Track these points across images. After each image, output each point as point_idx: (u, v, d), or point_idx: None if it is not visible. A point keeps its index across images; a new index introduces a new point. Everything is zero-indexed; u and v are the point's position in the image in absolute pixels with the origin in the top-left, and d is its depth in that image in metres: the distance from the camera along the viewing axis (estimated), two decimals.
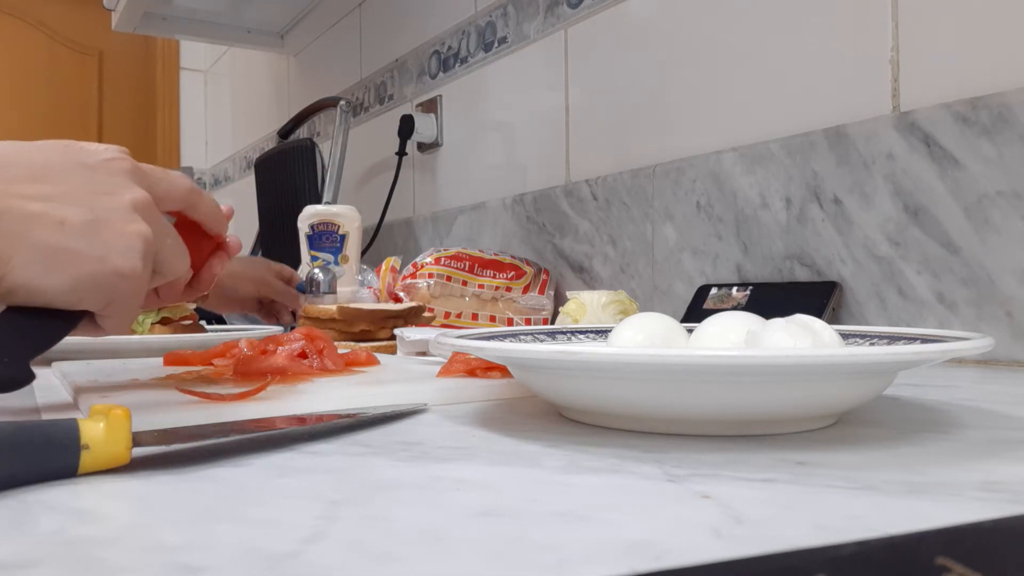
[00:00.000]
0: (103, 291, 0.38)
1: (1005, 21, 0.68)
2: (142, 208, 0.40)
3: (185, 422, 0.37)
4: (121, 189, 0.40)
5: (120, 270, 0.38)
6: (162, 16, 2.09)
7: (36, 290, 0.36)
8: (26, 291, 0.36)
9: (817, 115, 0.83)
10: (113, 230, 0.38)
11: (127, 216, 0.39)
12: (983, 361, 0.68)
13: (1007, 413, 0.41)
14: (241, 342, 0.60)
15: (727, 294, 0.86)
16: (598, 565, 0.19)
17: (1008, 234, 0.66)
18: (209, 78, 3.11)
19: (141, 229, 0.39)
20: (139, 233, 0.39)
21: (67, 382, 0.54)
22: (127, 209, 0.39)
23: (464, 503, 0.25)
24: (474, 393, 0.48)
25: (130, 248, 0.39)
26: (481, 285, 1.12)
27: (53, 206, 0.37)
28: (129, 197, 0.40)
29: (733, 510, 0.23)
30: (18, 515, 0.24)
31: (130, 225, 0.39)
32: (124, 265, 0.38)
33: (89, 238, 0.37)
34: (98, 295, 0.38)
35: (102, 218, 0.38)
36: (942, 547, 0.19)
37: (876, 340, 0.42)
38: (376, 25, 1.77)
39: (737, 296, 0.84)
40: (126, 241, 0.39)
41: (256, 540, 0.21)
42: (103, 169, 0.40)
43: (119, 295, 0.39)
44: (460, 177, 1.47)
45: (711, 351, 0.30)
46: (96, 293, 0.38)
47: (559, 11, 1.20)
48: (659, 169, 1.01)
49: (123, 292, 0.39)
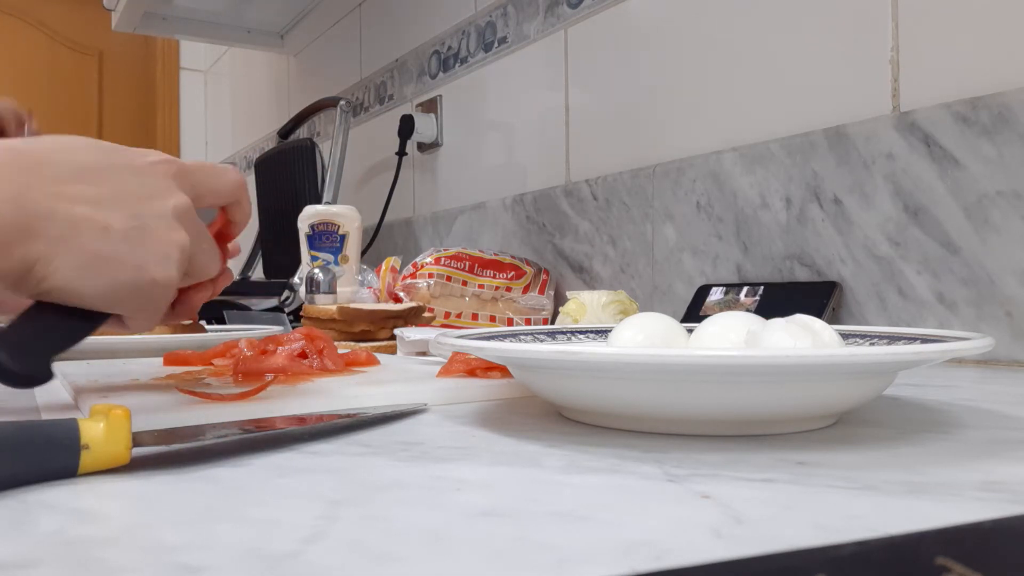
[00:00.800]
0: (138, 298, 0.39)
1: (1005, 21, 0.68)
2: (183, 215, 0.40)
3: (185, 422, 0.37)
4: (166, 194, 0.40)
5: (157, 279, 0.39)
6: (162, 16, 2.09)
7: (74, 293, 0.37)
8: (64, 293, 0.37)
9: (817, 115, 0.83)
10: (155, 238, 0.39)
11: (169, 224, 0.39)
12: (983, 361, 0.68)
13: (1007, 413, 0.41)
14: (241, 342, 0.60)
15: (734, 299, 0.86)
16: (598, 565, 0.19)
17: (1008, 234, 0.66)
18: (209, 78, 3.11)
19: (181, 238, 0.40)
20: (178, 243, 0.40)
21: (67, 382, 0.54)
22: (169, 216, 0.40)
23: (464, 503, 0.25)
24: (474, 393, 0.48)
25: (168, 257, 0.39)
26: (481, 285, 1.12)
27: (98, 210, 0.37)
28: (173, 203, 0.40)
29: (733, 510, 0.23)
30: (18, 515, 0.24)
31: (172, 233, 0.39)
32: (161, 274, 0.39)
33: (131, 245, 0.38)
34: (133, 301, 0.39)
35: (146, 225, 0.38)
36: (942, 547, 0.19)
37: (876, 340, 0.42)
38: (376, 25, 1.77)
39: (746, 301, 0.84)
40: (165, 250, 0.39)
41: (256, 540, 0.21)
42: (149, 172, 0.40)
43: (152, 301, 0.40)
44: (460, 177, 1.47)
45: (711, 351, 0.30)
46: (131, 300, 0.39)
47: (559, 11, 1.20)
48: (659, 169, 1.01)
49: (156, 298, 0.40)
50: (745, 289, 0.86)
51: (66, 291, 0.36)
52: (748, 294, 0.85)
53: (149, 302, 0.39)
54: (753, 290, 0.85)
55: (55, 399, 0.50)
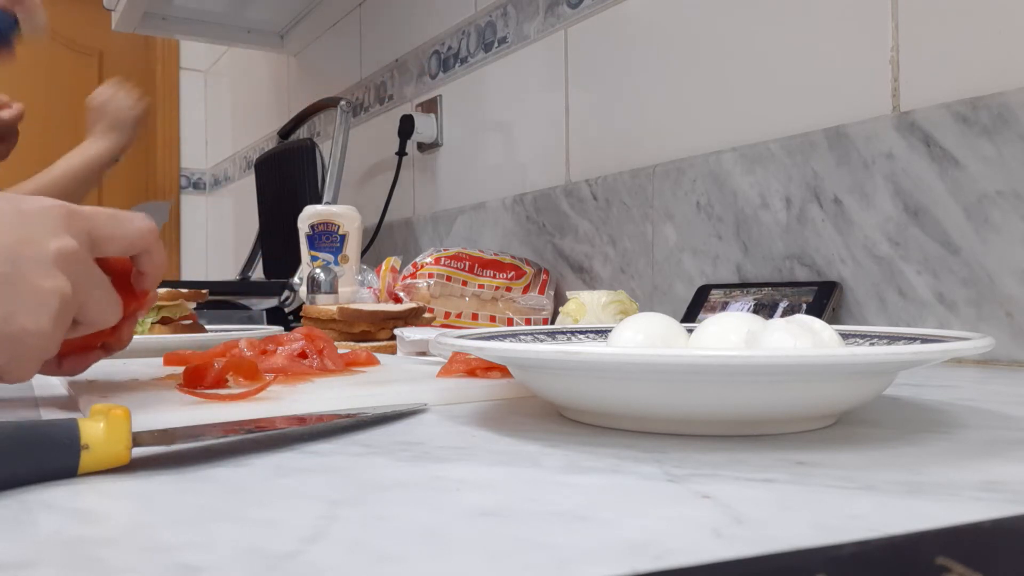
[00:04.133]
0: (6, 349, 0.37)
1: (1005, 21, 0.68)
2: (66, 260, 0.38)
3: (185, 422, 0.37)
4: (48, 238, 0.38)
5: (27, 328, 0.36)
6: (162, 16, 2.09)
7: None
8: None
9: (817, 115, 0.83)
10: (27, 286, 0.36)
11: (46, 271, 0.37)
12: (983, 361, 0.68)
13: (1007, 413, 0.41)
14: (241, 342, 0.60)
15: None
16: (598, 565, 0.19)
17: (1008, 234, 0.66)
18: (209, 78, 3.11)
19: (58, 285, 0.37)
20: (55, 290, 0.37)
21: (66, 382, 0.54)
22: (48, 262, 0.37)
23: (464, 503, 0.25)
24: (474, 393, 0.48)
25: (41, 306, 0.37)
26: (481, 285, 1.12)
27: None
28: (55, 246, 0.38)
29: (733, 510, 0.23)
30: (18, 515, 0.24)
31: (47, 281, 0.37)
32: (31, 325, 0.37)
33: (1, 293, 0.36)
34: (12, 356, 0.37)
35: (18, 272, 0.36)
36: (942, 547, 0.19)
37: (876, 340, 0.42)
38: (376, 25, 1.77)
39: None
40: (38, 299, 0.37)
41: (256, 540, 0.21)
42: (35, 216, 0.38)
43: (24, 352, 0.37)
44: (460, 177, 1.47)
45: (711, 351, 0.30)
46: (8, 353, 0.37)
47: (559, 11, 1.20)
48: (659, 169, 1.01)
49: (29, 348, 0.37)
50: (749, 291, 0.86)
51: None
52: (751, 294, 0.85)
53: (21, 353, 0.37)
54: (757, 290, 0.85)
55: (54, 398, 0.50)
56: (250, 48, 2.33)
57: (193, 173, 3.16)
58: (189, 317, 0.87)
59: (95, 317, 0.41)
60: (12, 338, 0.36)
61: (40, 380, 0.61)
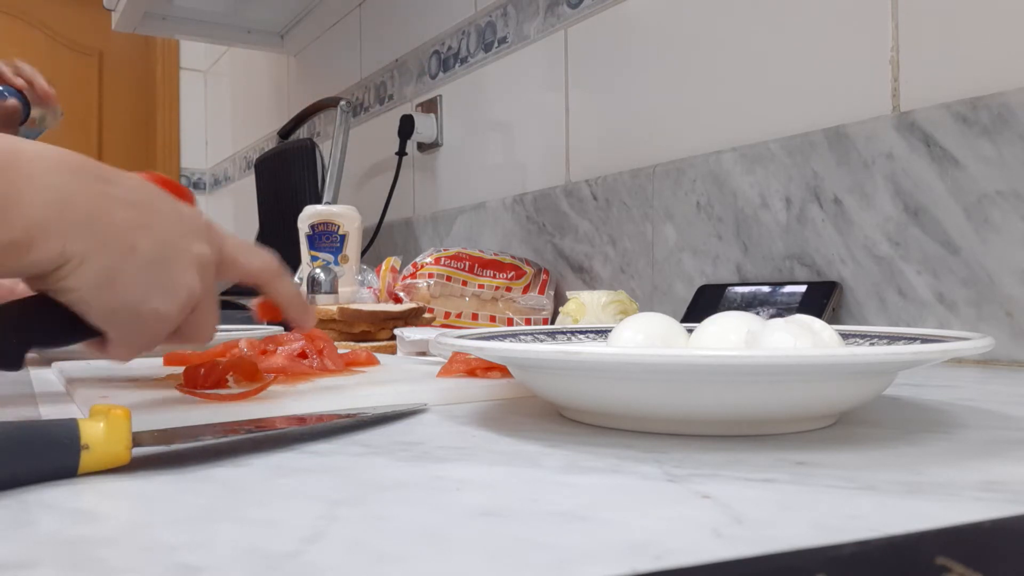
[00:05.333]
0: (134, 324, 0.39)
1: (1005, 21, 0.68)
2: (202, 264, 0.41)
3: (185, 422, 0.37)
4: (195, 240, 0.41)
5: (158, 311, 0.39)
6: (162, 16, 2.09)
7: (83, 300, 0.37)
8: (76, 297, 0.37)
9: (817, 115, 0.83)
10: (170, 273, 0.39)
11: (187, 266, 0.40)
12: (983, 361, 0.68)
13: (1007, 413, 0.41)
14: (241, 342, 0.60)
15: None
16: (598, 565, 0.19)
17: (1008, 234, 0.66)
18: (209, 78, 3.11)
19: (192, 282, 0.40)
20: (188, 285, 0.40)
21: (66, 381, 0.54)
22: (190, 260, 0.40)
23: (464, 503, 0.25)
24: (474, 393, 0.48)
25: (175, 295, 0.40)
26: (481, 285, 1.12)
27: (132, 228, 0.38)
28: (197, 250, 0.41)
29: (733, 510, 0.23)
30: (18, 515, 0.24)
31: (186, 275, 0.40)
32: (163, 307, 0.39)
33: (147, 274, 0.38)
34: (127, 326, 0.39)
35: (167, 257, 0.39)
36: (942, 547, 0.19)
37: (876, 340, 0.42)
38: (376, 25, 1.77)
39: None
40: (174, 288, 0.39)
41: (256, 540, 0.21)
42: (189, 217, 0.42)
43: (144, 331, 0.40)
44: (460, 177, 1.47)
45: (711, 351, 0.30)
46: (127, 324, 0.39)
47: (559, 11, 1.20)
48: (659, 169, 1.01)
49: (148, 329, 0.40)
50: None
51: (79, 296, 0.37)
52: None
53: (142, 331, 0.40)
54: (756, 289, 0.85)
55: (54, 398, 0.50)
56: (250, 48, 2.33)
57: (193, 173, 3.16)
58: None
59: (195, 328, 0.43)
60: (141, 316, 0.39)
61: (40, 380, 0.61)
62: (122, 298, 0.38)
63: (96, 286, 0.37)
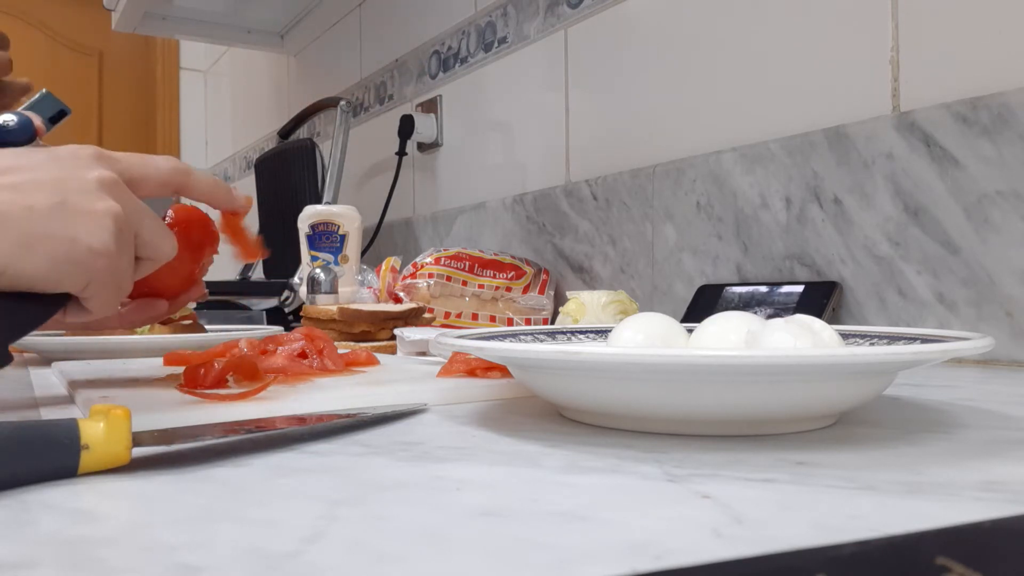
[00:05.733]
0: (80, 270, 0.39)
1: (1005, 21, 0.68)
2: (109, 186, 0.40)
3: (185, 422, 0.37)
4: (86, 170, 0.40)
5: (93, 247, 0.39)
6: (162, 16, 2.09)
7: (17, 275, 0.37)
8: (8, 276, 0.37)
9: (817, 115, 0.83)
10: (80, 210, 0.39)
11: (94, 195, 0.40)
12: (983, 361, 0.68)
13: (1007, 413, 0.41)
14: (241, 342, 0.60)
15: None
16: (598, 565, 0.19)
17: (1008, 234, 0.66)
18: (209, 78, 3.11)
19: (109, 206, 0.40)
20: (107, 210, 0.39)
21: (66, 382, 0.54)
22: (93, 188, 0.40)
23: (464, 503, 0.25)
24: (474, 393, 0.48)
25: (100, 226, 0.39)
26: (481, 285, 1.12)
27: (19, 194, 0.38)
28: (95, 175, 0.40)
29: (733, 510, 0.23)
30: (18, 515, 0.24)
31: (97, 203, 0.39)
32: (96, 242, 0.39)
33: (58, 220, 0.38)
34: (76, 275, 0.39)
35: (68, 200, 0.39)
36: (942, 547, 0.19)
37: (876, 340, 0.42)
38: (376, 25, 1.77)
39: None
40: (95, 220, 0.39)
41: (256, 540, 0.21)
42: (68, 157, 0.41)
43: (97, 273, 0.39)
44: (460, 177, 1.47)
45: (711, 351, 0.30)
46: (74, 274, 0.39)
47: (559, 11, 1.20)
48: (659, 169, 1.01)
49: (100, 270, 0.39)
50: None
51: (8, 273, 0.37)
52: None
53: (94, 274, 0.39)
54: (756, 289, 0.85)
55: (54, 398, 0.50)
56: (250, 48, 2.33)
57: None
58: (189, 317, 0.87)
59: (153, 245, 0.43)
60: (82, 261, 0.38)
61: (40, 380, 0.61)
62: (50, 254, 0.37)
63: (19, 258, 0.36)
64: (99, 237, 0.39)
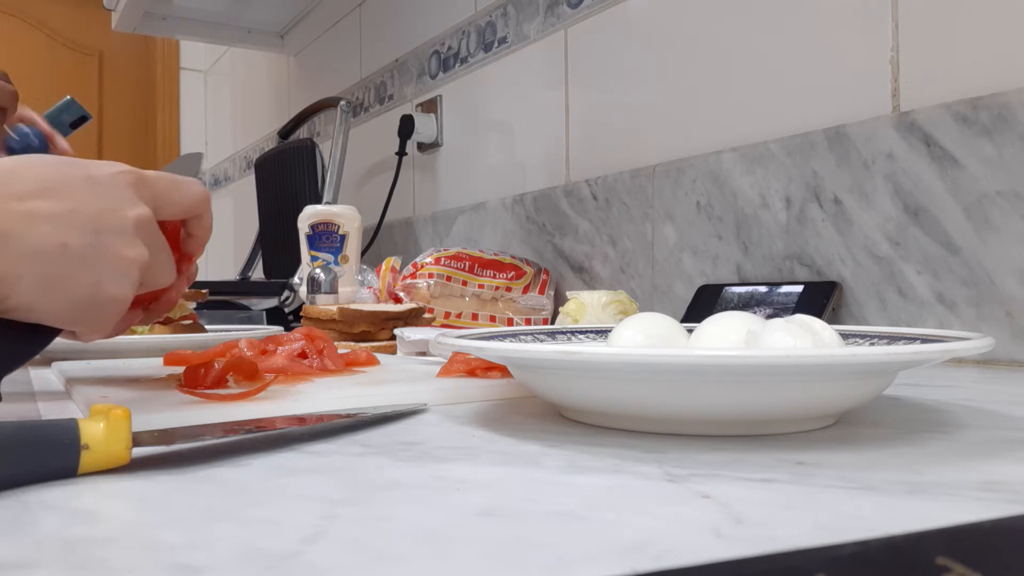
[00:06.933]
0: (94, 315, 0.39)
1: (1005, 21, 0.68)
2: (143, 229, 0.40)
3: (185, 422, 0.37)
4: (125, 206, 0.40)
5: (113, 296, 0.39)
6: (162, 16, 2.09)
7: (33, 312, 0.37)
8: (24, 311, 0.37)
9: (817, 115, 0.83)
10: (112, 255, 0.39)
11: (128, 240, 0.39)
12: (983, 361, 0.68)
13: (1007, 413, 0.41)
14: (241, 342, 0.60)
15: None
16: (598, 565, 0.19)
17: (1008, 234, 0.66)
18: (209, 78, 3.11)
19: (138, 254, 0.40)
20: (135, 259, 0.39)
21: (66, 381, 0.54)
22: (129, 230, 0.39)
23: (464, 503, 0.25)
24: (474, 393, 0.48)
25: (124, 275, 0.39)
26: (481, 285, 1.12)
27: (58, 228, 0.37)
28: (133, 215, 0.40)
29: (733, 510, 0.23)
30: (18, 515, 0.24)
31: (130, 250, 0.39)
32: (117, 292, 0.39)
33: (88, 264, 0.38)
34: (88, 318, 0.39)
35: (103, 242, 0.38)
36: (942, 547, 0.19)
37: (876, 340, 0.42)
38: (376, 25, 1.77)
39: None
40: (122, 267, 0.39)
41: (256, 540, 0.21)
42: (110, 183, 0.40)
43: (105, 317, 0.40)
44: (460, 177, 1.47)
45: (711, 351, 0.30)
46: (87, 317, 0.39)
47: (559, 11, 1.20)
48: (659, 169, 1.01)
49: (110, 314, 0.40)
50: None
51: (26, 309, 0.37)
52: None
53: (103, 317, 0.40)
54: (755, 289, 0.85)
55: (55, 398, 0.50)
56: (250, 48, 2.33)
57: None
58: (189, 317, 0.87)
59: (156, 279, 0.43)
60: (99, 307, 0.39)
61: (40, 380, 0.61)
62: (71, 298, 0.37)
63: (40, 297, 0.36)
64: (121, 287, 0.39)
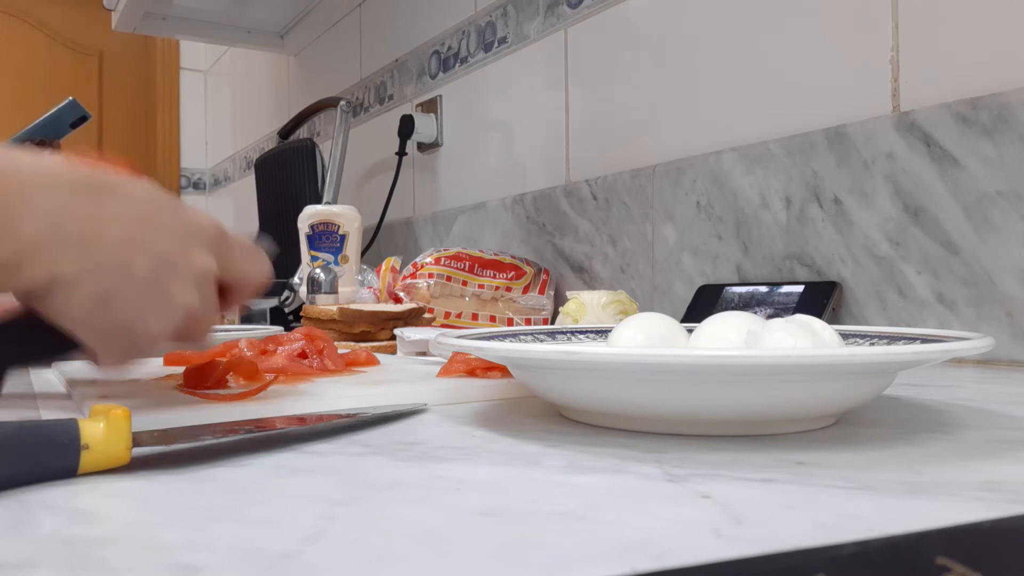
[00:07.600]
0: (125, 342, 0.38)
1: (1005, 21, 0.68)
2: (203, 283, 0.40)
3: (185, 422, 0.37)
4: (197, 255, 0.39)
5: (152, 331, 0.38)
6: (162, 16, 2.09)
7: (75, 321, 0.36)
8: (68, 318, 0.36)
9: (817, 115, 0.83)
10: (165, 293, 0.38)
11: (186, 285, 0.39)
12: (983, 361, 0.68)
13: (1007, 413, 0.41)
14: (241, 342, 0.60)
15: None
16: (598, 565, 0.19)
17: (1008, 234, 0.66)
18: (209, 78, 3.11)
19: (189, 301, 0.39)
20: (184, 305, 0.39)
21: (66, 381, 0.54)
22: (191, 279, 0.39)
23: (464, 503, 0.25)
24: (474, 393, 0.48)
25: (169, 316, 0.38)
26: (481, 285, 1.12)
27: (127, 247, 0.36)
28: (200, 266, 0.39)
29: (733, 510, 0.23)
30: (18, 515, 0.24)
31: (183, 295, 0.39)
32: (158, 329, 0.38)
33: (142, 294, 0.37)
34: (119, 344, 0.38)
35: (162, 280, 0.38)
36: (942, 547, 0.19)
37: (876, 340, 0.42)
38: (376, 25, 1.77)
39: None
40: (169, 308, 0.38)
41: (256, 540, 0.21)
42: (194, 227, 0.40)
43: (134, 349, 0.39)
44: (460, 177, 1.47)
45: (711, 351, 0.30)
46: (119, 342, 0.38)
47: (559, 11, 1.20)
48: (659, 169, 1.01)
49: (141, 347, 0.39)
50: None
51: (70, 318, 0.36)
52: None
53: (131, 348, 0.39)
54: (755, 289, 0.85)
55: (54, 398, 0.50)
56: (250, 48, 2.33)
57: (193, 173, 3.16)
58: None
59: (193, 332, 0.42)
60: (135, 335, 0.38)
61: (40, 380, 0.61)
62: (116, 319, 0.37)
63: (89, 308, 0.36)
64: (163, 325, 0.38)
